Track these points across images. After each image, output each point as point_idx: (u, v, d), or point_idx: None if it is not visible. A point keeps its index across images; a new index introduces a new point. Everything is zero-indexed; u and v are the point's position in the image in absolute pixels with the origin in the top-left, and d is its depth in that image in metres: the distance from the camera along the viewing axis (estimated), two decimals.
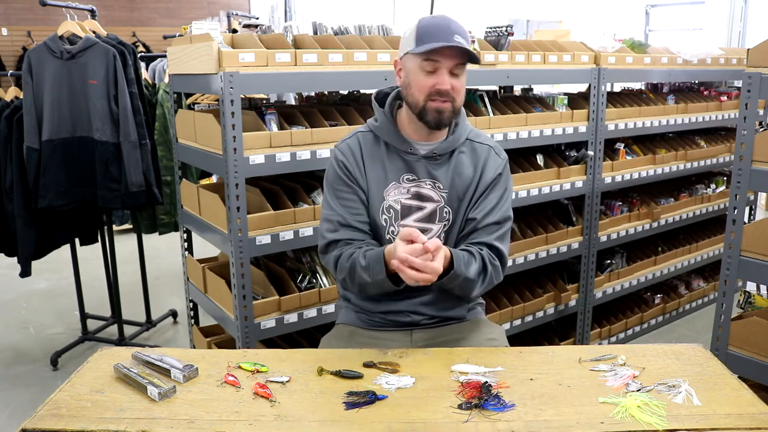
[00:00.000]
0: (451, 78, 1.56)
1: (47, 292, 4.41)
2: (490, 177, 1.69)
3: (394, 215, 1.66)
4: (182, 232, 2.84)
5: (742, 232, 2.18)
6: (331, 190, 1.69)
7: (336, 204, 1.67)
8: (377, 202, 1.66)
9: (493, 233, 1.66)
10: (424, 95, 1.57)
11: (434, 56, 1.53)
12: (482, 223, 1.66)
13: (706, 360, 1.43)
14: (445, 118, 1.59)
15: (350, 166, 1.67)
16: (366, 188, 1.67)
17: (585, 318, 3.28)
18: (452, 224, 1.68)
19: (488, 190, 1.68)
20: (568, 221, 3.19)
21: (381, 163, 1.67)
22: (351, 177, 1.67)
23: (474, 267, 1.57)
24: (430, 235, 1.66)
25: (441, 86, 1.55)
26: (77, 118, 2.87)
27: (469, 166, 1.69)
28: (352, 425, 1.19)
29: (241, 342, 2.26)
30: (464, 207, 1.68)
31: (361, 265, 1.55)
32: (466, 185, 1.68)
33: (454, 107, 1.60)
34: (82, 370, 1.39)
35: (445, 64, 1.54)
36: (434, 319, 1.71)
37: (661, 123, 3.42)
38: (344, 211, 1.65)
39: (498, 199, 1.69)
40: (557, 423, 1.19)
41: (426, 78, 1.56)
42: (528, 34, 10.13)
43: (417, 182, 1.66)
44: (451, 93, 1.56)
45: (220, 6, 7.84)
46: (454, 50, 1.53)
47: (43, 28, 6.98)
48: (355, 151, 1.68)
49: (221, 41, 2.17)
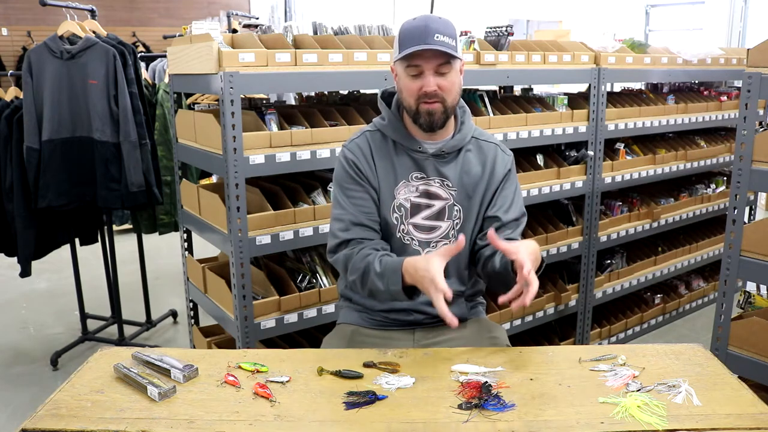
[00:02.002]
0: (438, 78, 1.56)
1: (47, 292, 4.41)
2: (501, 174, 1.70)
3: (404, 213, 1.67)
4: (182, 232, 2.84)
5: (742, 232, 2.18)
6: (341, 190, 1.68)
7: (347, 203, 1.66)
8: (388, 200, 1.67)
9: (516, 229, 1.69)
10: (413, 99, 1.58)
11: (415, 60, 1.54)
12: (503, 220, 1.67)
13: (706, 360, 1.43)
14: (437, 119, 1.59)
15: (361, 165, 1.67)
16: (377, 187, 1.67)
17: (585, 318, 3.28)
18: (464, 222, 1.69)
19: (501, 187, 1.70)
20: (568, 221, 3.20)
21: (390, 162, 1.67)
22: (362, 175, 1.66)
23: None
24: (439, 232, 1.67)
25: (426, 88, 1.55)
26: (77, 118, 2.87)
27: (476, 164, 1.69)
28: (352, 425, 1.19)
29: (241, 342, 2.26)
30: (476, 205, 1.69)
31: (375, 272, 1.53)
32: (475, 183, 1.68)
33: (446, 106, 1.59)
34: (82, 370, 1.39)
35: (426, 66, 1.54)
36: (436, 318, 1.71)
37: (661, 123, 3.42)
38: (356, 209, 1.65)
39: (513, 195, 1.71)
40: (557, 423, 1.19)
41: (412, 82, 1.57)
42: (528, 34, 10.12)
43: (426, 180, 1.67)
44: (439, 93, 1.56)
45: (220, 6, 7.84)
46: (433, 51, 1.52)
47: (43, 28, 6.98)
48: (365, 149, 1.68)
49: (221, 41, 2.17)
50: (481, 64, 2.66)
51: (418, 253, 1.67)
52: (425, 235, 1.68)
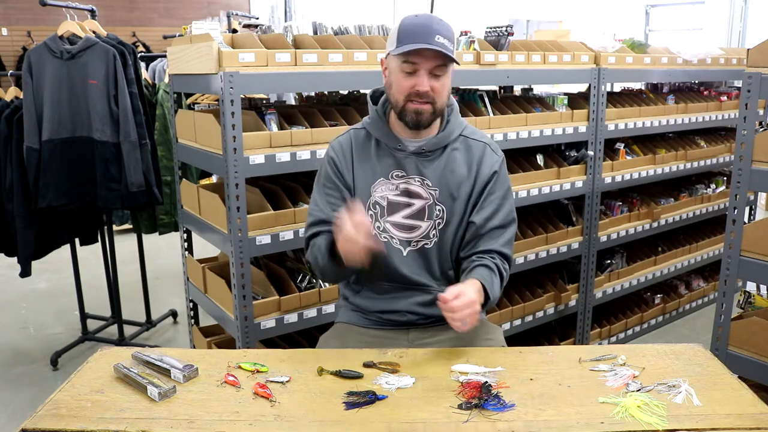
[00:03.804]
0: (432, 79, 1.55)
1: (47, 292, 4.41)
2: (486, 174, 1.68)
3: (380, 211, 1.67)
4: (182, 232, 2.84)
5: (742, 232, 2.18)
6: (319, 187, 1.74)
7: (321, 200, 1.70)
8: (363, 197, 1.67)
9: (498, 238, 1.66)
10: (403, 96, 1.58)
11: (413, 58, 1.53)
12: (485, 228, 1.65)
13: (706, 360, 1.43)
14: (424, 119, 1.59)
15: (339, 163, 1.70)
16: (352, 185, 1.69)
17: (585, 318, 3.28)
18: (447, 223, 1.67)
19: (487, 190, 1.67)
20: (568, 221, 3.19)
21: (370, 160, 1.68)
22: (339, 173, 1.70)
23: (497, 282, 1.59)
24: (419, 232, 1.66)
25: (420, 88, 1.55)
26: (77, 118, 2.87)
27: (462, 163, 1.68)
28: (352, 425, 1.19)
29: (241, 342, 2.26)
30: (461, 206, 1.67)
31: (319, 250, 1.62)
32: (459, 182, 1.66)
33: (435, 108, 1.59)
34: (82, 370, 1.39)
35: (423, 65, 1.54)
36: (430, 319, 1.71)
37: (661, 123, 3.42)
38: (327, 208, 1.68)
39: (500, 201, 1.68)
40: (557, 423, 1.19)
41: (405, 79, 1.56)
42: (528, 34, 10.12)
43: (406, 178, 1.66)
44: (430, 94, 1.56)
45: (220, 6, 7.84)
46: (435, 52, 1.52)
47: (43, 28, 6.98)
48: (346, 148, 1.71)
49: (221, 41, 2.17)
50: (481, 64, 2.66)
51: (398, 252, 1.67)
52: (405, 234, 1.67)
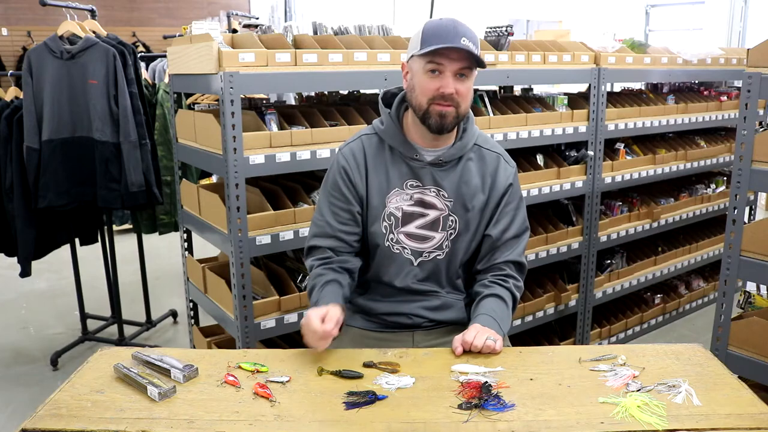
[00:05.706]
0: (456, 82, 1.51)
1: (47, 292, 4.41)
2: (502, 187, 1.66)
3: (394, 222, 1.64)
4: (182, 232, 2.84)
5: (742, 232, 2.18)
6: (325, 195, 1.68)
7: (326, 210, 1.66)
8: (378, 209, 1.64)
9: (514, 249, 1.67)
10: (427, 98, 1.53)
11: (438, 58, 1.49)
12: (501, 240, 1.66)
13: (706, 360, 1.43)
14: (448, 122, 1.55)
15: (351, 173, 1.65)
16: (365, 196, 1.65)
17: (585, 318, 3.28)
18: (460, 234, 1.65)
19: (502, 203, 1.67)
20: (568, 221, 3.19)
21: (384, 169, 1.64)
22: (350, 184, 1.65)
23: (508, 313, 1.61)
24: (432, 243, 1.65)
25: (445, 89, 1.50)
26: (77, 118, 2.87)
27: (476, 174, 1.65)
28: (352, 425, 1.19)
29: (241, 342, 2.26)
30: (475, 216, 1.65)
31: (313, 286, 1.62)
32: (473, 194, 1.65)
33: (458, 112, 1.55)
34: (82, 370, 1.39)
35: (449, 67, 1.50)
36: (434, 322, 1.71)
37: (661, 123, 3.42)
38: (333, 219, 1.65)
39: (514, 212, 1.68)
40: (557, 423, 1.19)
41: (430, 81, 1.52)
42: (528, 34, 10.12)
43: (421, 189, 1.63)
44: (455, 97, 1.52)
45: (220, 6, 7.83)
46: (460, 53, 1.49)
47: (43, 28, 6.97)
48: (358, 156, 1.65)
49: (221, 41, 2.17)
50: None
51: (409, 262, 1.66)
52: (418, 244, 1.65)
